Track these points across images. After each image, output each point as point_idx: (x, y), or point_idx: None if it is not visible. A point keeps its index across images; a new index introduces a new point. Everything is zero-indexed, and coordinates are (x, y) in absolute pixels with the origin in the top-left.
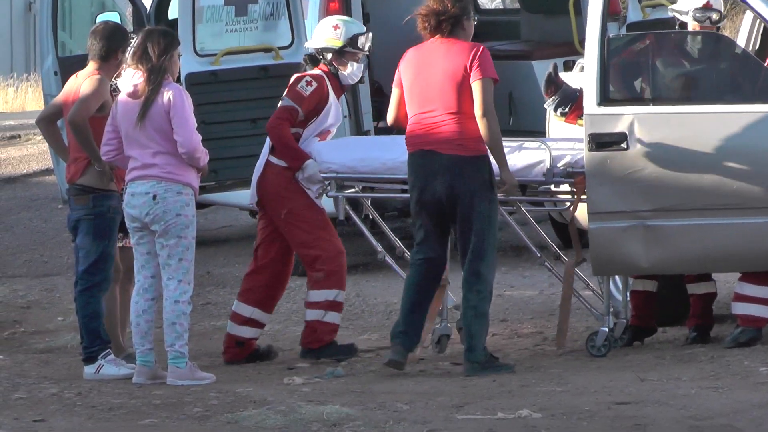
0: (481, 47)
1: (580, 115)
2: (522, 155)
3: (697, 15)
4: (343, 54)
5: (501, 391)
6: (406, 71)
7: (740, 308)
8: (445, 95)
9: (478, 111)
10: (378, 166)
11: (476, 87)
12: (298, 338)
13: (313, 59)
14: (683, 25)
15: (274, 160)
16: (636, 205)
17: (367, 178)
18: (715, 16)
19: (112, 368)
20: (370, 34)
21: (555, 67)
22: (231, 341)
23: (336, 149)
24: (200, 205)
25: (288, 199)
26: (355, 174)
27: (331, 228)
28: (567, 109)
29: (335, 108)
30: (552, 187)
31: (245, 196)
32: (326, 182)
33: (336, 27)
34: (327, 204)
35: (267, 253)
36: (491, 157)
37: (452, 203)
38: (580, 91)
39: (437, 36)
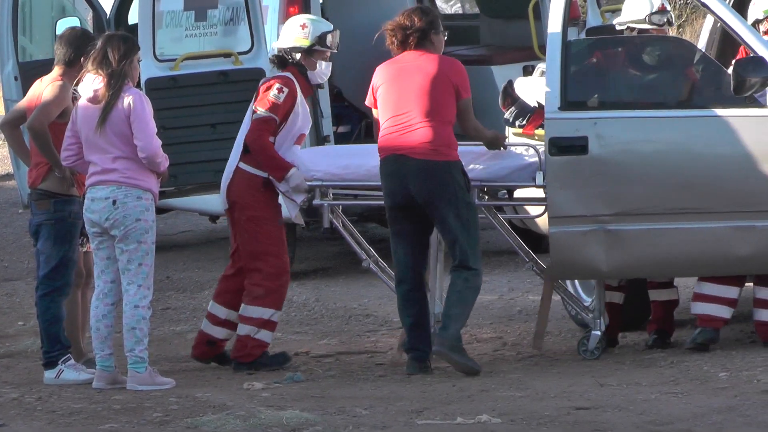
0: (458, 62)
1: (537, 127)
2: (509, 159)
3: (655, 18)
4: (311, 53)
5: (461, 396)
6: (380, 83)
7: (699, 308)
8: (421, 101)
9: (470, 128)
10: (363, 173)
11: (466, 105)
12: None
13: (281, 60)
14: (642, 32)
15: (243, 166)
16: (596, 209)
17: (351, 185)
18: (670, 17)
19: (72, 373)
20: (338, 32)
21: (510, 82)
22: (203, 338)
23: (320, 157)
24: (160, 210)
25: (252, 207)
26: (340, 181)
27: (284, 246)
28: (525, 121)
29: (303, 109)
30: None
31: (205, 201)
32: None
33: (303, 26)
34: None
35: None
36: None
37: (428, 207)
38: (538, 103)
39: (407, 50)
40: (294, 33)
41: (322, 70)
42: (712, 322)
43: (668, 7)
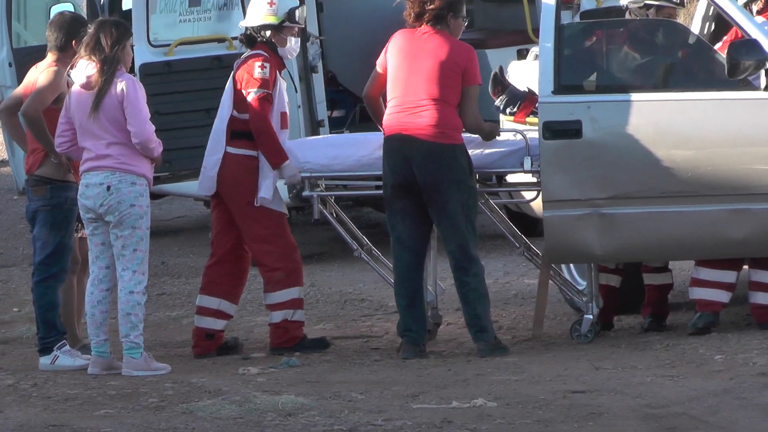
0: (472, 49)
1: (528, 114)
2: (497, 145)
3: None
4: (281, 29)
5: (456, 380)
6: (394, 55)
7: (697, 293)
8: (430, 82)
9: (466, 119)
10: (352, 164)
11: (468, 93)
12: (252, 327)
13: (250, 39)
14: (660, 9)
15: (232, 150)
16: (590, 193)
17: (341, 175)
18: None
19: (68, 359)
20: (305, 7)
21: (500, 68)
22: (201, 334)
23: (309, 148)
24: (154, 196)
25: (250, 190)
26: (329, 172)
27: (286, 224)
28: (515, 108)
29: (281, 86)
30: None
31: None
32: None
33: (271, 3)
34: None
35: (224, 243)
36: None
37: (430, 189)
38: (529, 90)
39: (423, 25)
40: (262, 10)
41: (292, 45)
42: (710, 307)
43: None
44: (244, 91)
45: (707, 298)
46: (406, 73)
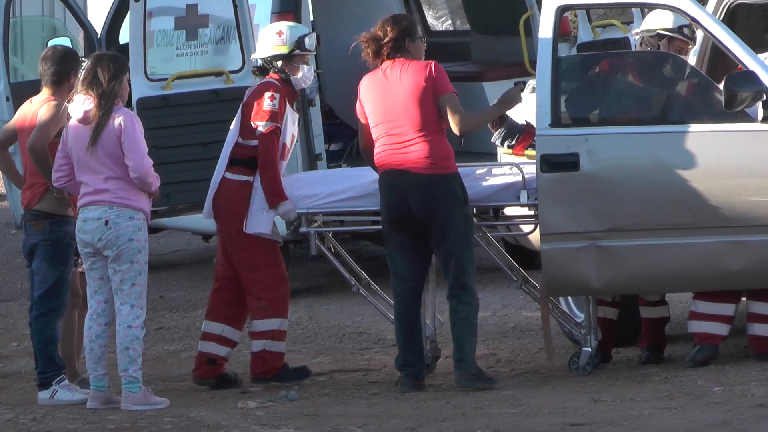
0: (433, 63)
1: (526, 147)
2: (493, 179)
3: (687, 31)
4: (292, 58)
5: (455, 413)
6: (367, 97)
7: (696, 326)
8: (410, 114)
9: (453, 124)
10: (347, 198)
11: (442, 103)
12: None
13: (263, 70)
14: (672, 41)
15: (230, 175)
16: (588, 225)
17: (337, 211)
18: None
19: (67, 393)
20: (314, 34)
21: None
22: (202, 358)
23: (303, 184)
24: (152, 230)
25: (240, 218)
26: (324, 208)
27: (278, 253)
28: (514, 142)
29: (291, 116)
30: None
31: (197, 220)
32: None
33: (280, 33)
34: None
35: (226, 268)
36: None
37: (427, 221)
38: (527, 123)
39: (385, 60)
40: (271, 41)
41: (305, 74)
42: (709, 340)
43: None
44: (252, 123)
45: (706, 331)
46: (384, 112)
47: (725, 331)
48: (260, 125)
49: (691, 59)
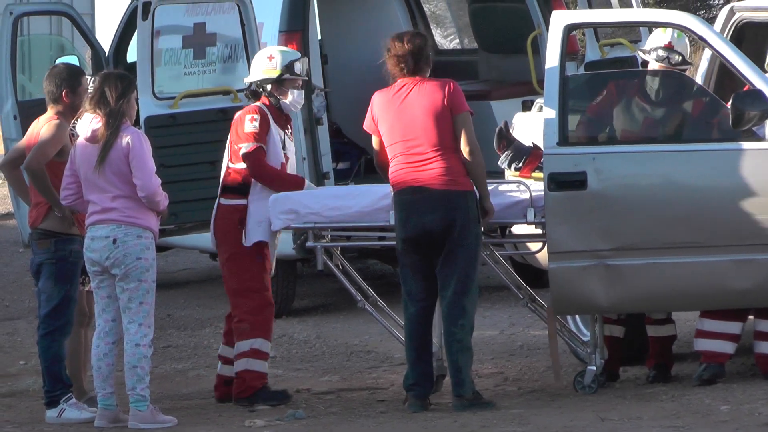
0: (451, 82)
1: (533, 169)
2: (500, 197)
3: (659, 54)
4: (282, 83)
5: (462, 431)
6: (382, 115)
7: (702, 344)
8: (428, 131)
9: (465, 146)
10: (353, 213)
11: (459, 122)
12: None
13: (254, 93)
14: (644, 64)
15: (223, 201)
16: (595, 244)
17: (344, 226)
18: (676, 57)
19: (74, 412)
20: (306, 59)
21: (506, 123)
22: (220, 380)
23: (311, 199)
24: (160, 248)
25: (230, 244)
26: (332, 223)
27: (265, 282)
28: (521, 164)
29: (278, 138)
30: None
31: (205, 238)
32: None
33: (271, 57)
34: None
35: None
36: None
37: (443, 236)
38: (534, 145)
39: (403, 77)
40: (262, 65)
41: (295, 98)
42: (716, 358)
43: (678, 48)
44: (236, 146)
45: (713, 350)
46: (401, 130)
47: (732, 350)
48: (243, 147)
49: (699, 78)
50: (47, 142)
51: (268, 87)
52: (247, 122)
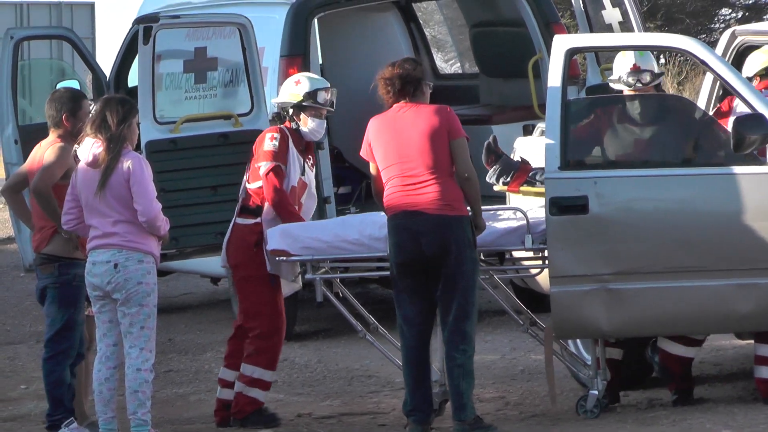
0: (448, 108)
1: (522, 183)
2: (497, 223)
3: (629, 80)
4: (303, 108)
5: None
6: (377, 139)
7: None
8: (424, 154)
9: (462, 172)
10: (350, 243)
11: (456, 147)
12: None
13: (279, 116)
14: (621, 93)
15: (240, 221)
16: (597, 268)
17: (342, 257)
18: (646, 77)
19: None
20: (334, 90)
21: (494, 138)
22: (219, 405)
23: (308, 230)
24: (161, 273)
25: (245, 266)
26: (329, 255)
27: (277, 307)
28: (509, 178)
29: (298, 160)
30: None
31: (206, 263)
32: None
33: (298, 82)
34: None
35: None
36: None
37: (439, 262)
38: (522, 159)
39: (401, 101)
40: (288, 89)
41: (315, 127)
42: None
43: (645, 67)
44: (255, 165)
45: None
46: (396, 153)
47: None
48: (262, 165)
49: (700, 100)
50: (53, 164)
51: (290, 111)
52: (267, 141)
